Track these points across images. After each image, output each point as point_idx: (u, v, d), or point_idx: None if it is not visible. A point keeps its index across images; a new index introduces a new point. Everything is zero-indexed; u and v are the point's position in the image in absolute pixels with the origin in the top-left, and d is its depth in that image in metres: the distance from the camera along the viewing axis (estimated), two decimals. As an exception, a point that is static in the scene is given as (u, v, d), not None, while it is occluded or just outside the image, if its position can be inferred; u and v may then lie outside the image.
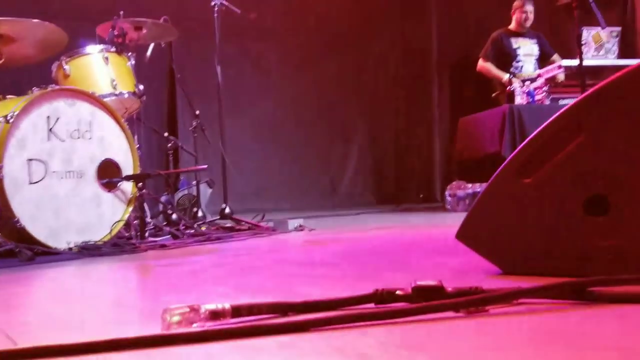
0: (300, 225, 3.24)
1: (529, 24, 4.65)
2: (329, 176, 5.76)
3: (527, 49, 4.67)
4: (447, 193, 4.57)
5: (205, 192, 3.79)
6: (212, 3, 3.70)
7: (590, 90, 1.34)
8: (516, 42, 4.66)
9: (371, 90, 5.92)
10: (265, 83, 5.47)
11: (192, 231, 3.02)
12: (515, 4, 4.68)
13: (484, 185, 1.50)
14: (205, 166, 3.13)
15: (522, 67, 4.60)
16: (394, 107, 6.05)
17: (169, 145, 3.62)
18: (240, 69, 5.12)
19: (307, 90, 5.61)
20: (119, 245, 2.56)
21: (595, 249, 1.28)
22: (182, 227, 3.02)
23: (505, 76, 4.50)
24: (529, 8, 4.59)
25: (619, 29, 4.59)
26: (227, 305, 1.03)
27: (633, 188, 1.27)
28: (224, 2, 3.71)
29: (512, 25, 4.70)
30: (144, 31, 3.28)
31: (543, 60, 4.65)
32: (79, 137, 2.60)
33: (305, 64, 5.60)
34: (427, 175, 5.93)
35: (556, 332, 0.90)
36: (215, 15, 3.71)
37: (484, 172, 3.82)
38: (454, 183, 4.52)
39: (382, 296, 1.10)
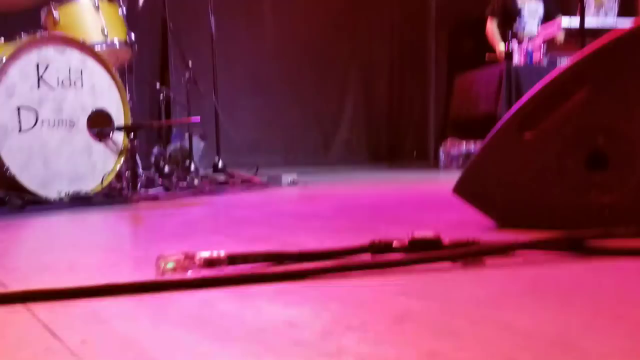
0: (294, 180, 3.22)
1: None
2: (323, 132, 5.73)
3: (531, 8, 4.58)
4: (440, 151, 4.56)
5: (198, 145, 3.75)
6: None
7: (596, 45, 1.31)
8: (521, 1, 4.58)
9: (367, 47, 5.83)
10: (259, 36, 5.37)
11: (185, 184, 3.00)
12: None
13: (478, 143, 1.48)
14: (198, 118, 3.08)
15: (524, 26, 4.53)
16: (390, 64, 5.98)
17: (161, 96, 3.56)
18: (234, 21, 5.01)
19: (302, 45, 5.52)
20: (111, 195, 2.54)
21: (593, 204, 1.28)
22: (174, 180, 2.99)
23: (500, 46, 4.45)
24: None
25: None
26: (222, 253, 1.02)
27: (633, 145, 1.26)
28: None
29: None
30: (136, -22, 3.19)
31: (547, 20, 4.57)
32: (69, 86, 2.55)
33: (300, 19, 5.49)
34: (421, 133, 5.90)
35: (552, 283, 0.90)
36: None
37: (478, 130, 3.80)
38: (447, 141, 4.51)
39: (378, 247, 1.09)
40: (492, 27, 4.61)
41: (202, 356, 0.61)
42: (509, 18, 4.54)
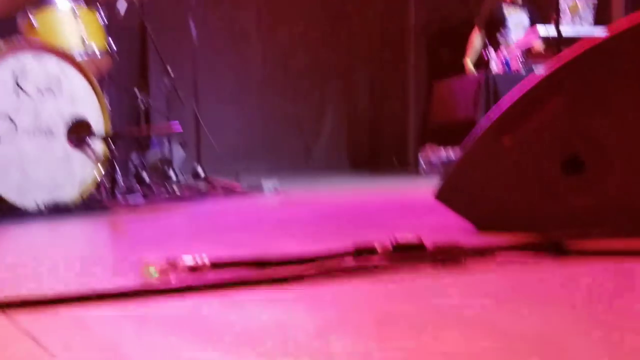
0: (275, 187, 3.22)
1: None
2: (303, 140, 5.73)
3: (517, 19, 4.65)
4: (420, 157, 4.59)
5: (178, 152, 3.73)
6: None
7: (570, 53, 1.34)
8: (507, 11, 4.65)
9: (347, 54, 5.85)
10: (241, 43, 5.37)
11: (165, 192, 2.98)
12: None
13: (457, 150, 1.50)
14: (179, 127, 3.07)
15: (510, 36, 4.60)
16: (370, 71, 6.01)
17: (141, 104, 3.54)
18: (215, 28, 5.00)
19: (283, 53, 5.53)
20: (90, 204, 2.51)
21: (570, 206, 1.30)
22: (154, 188, 2.97)
23: (467, 59, 4.55)
24: None
25: (595, -1, 4.60)
26: (205, 259, 1.02)
27: (608, 148, 1.29)
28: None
29: None
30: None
31: None
32: (48, 94, 2.52)
33: (280, 25, 5.51)
34: (402, 139, 5.93)
35: (531, 283, 0.91)
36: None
37: (457, 137, 3.83)
38: (427, 148, 4.54)
39: (362, 251, 1.09)
40: (473, 38, 4.67)
41: (188, 360, 0.61)
42: (495, 28, 4.60)
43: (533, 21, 4.64)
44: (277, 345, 0.64)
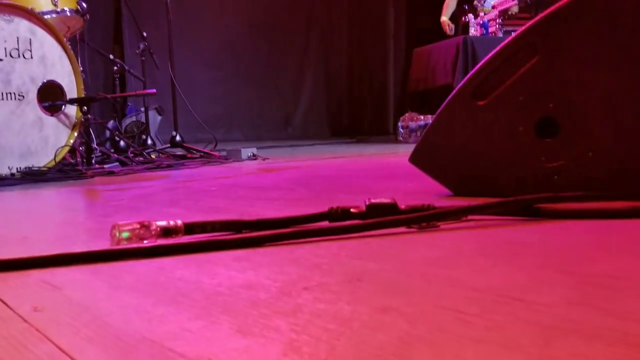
0: (254, 154, 3.21)
1: None
2: (283, 108, 5.70)
3: None
4: (399, 124, 4.60)
5: (155, 119, 3.69)
6: None
7: (546, 12, 1.33)
8: None
9: (326, 22, 5.79)
10: (218, 8, 5.27)
11: (141, 158, 2.95)
12: None
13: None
14: (154, 90, 3.03)
15: (485, 1, 4.59)
16: (348, 39, 5.96)
17: (115, 68, 3.47)
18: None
19: (261, 18, 5.45)
20: (64, 171, 2.48)
21: (544, 169, 1.31)
22: (130, 154, 2.94)
23: (443, 18, 4.55)
24: None
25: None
26: (179, 222, 1.01)
27: (581, 110, 1.29)
28: None
29: None
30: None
31: None
32: (18, 56, 2.46)
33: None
34: (381, 107, 5.93)
35: (502, 243, 0.92)
36: None
37: (436, 103, 3.84)
38: (406, 115, 4.55)
39: (336, 214, 1.10)
40: (449, 1, 4.66)
41: (158, 318, 0.61)
42: None
43: None
44: (247, 305, 0.64)
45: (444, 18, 4.56)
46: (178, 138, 3.51)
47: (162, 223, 1.00)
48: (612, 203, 1.12)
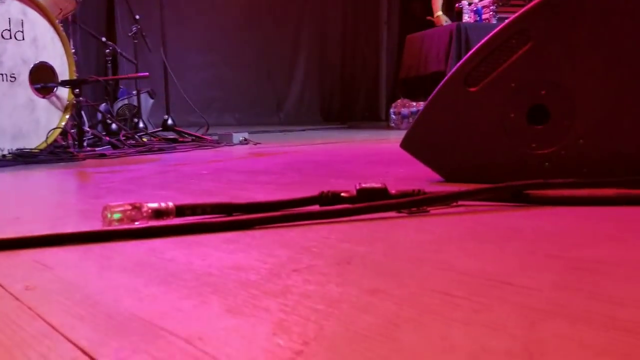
0: (245, 139, 3.21)
1: None
2: (276, 93, 5.68)
3: None
4: (391, 111, 4.60)
5: (147, 102, 3.67)
6: None
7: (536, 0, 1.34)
8: None
9: (320, 8, 5.76)
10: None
11: (133, 142, 2.94)
12: None
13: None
14: (147, 74, 3.01)
15: None
16: (342, 25, 5.94)
17: (107, 51, 3.45)
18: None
19: (255, 4, 5.41)
20: (56, 153, 2.47)
21: (535, 156, 1.32)
22: (122, 137, 2.93)
23: (436, 14, 4.56)
24: None
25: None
26: (170, 204, 1.01)
27: (573, 98, 1.30)
28: None
29: None
30: None
31: None
32: (9, 38, 2.44)
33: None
34: (374, 93, 5.93)
35: (492, 228, 0.93)
36: None
37: (428, 90, 3.83)
38: (398, 101, 4.55)
39: (327, 198, 1.10)
40: None
41: (148, 298, 0.62)
42: None
43: None
44: (237, 285, 0.64)
45: (439, 14, 4.57)
46: (170, 122, 3.50)
47: (154, 205, 1.00)
48: (601, 190, 1.13)
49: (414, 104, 4.42)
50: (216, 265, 0.73)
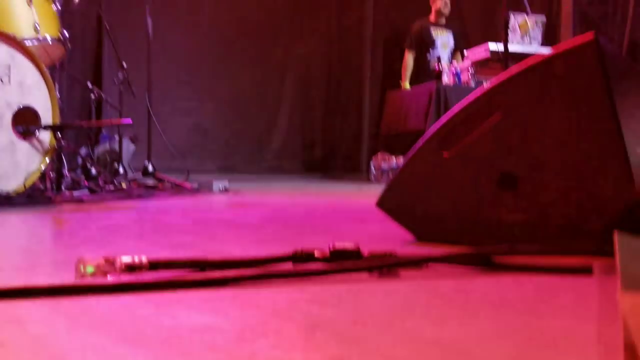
0: (225, 187, 3.23)
1: (447, 11, 4.87)
2: (258, 141, 5.73)
3: (444, 40, 4.91)
4: (371, 164, 4.67)
5: (128, 148, 3.69)
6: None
7: (509, 72, 1.41)
8: (435, 32, 4.88)
9: (304, 58, 5.89)
10: (197, 39, 5.33)
11: (112, 187, 2.94)
12: None
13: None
14: (130, 120, 3.04)
15: (439, 56, 4.81)
16: (326, 77, 6.06)
17: (92, 96, 3.48)
18: (171, 23, 4.96)
19: (239, 51, 5.52)
20: (33, 196, 2.47)
21: (504, 222, 1.36)
22: (101, 183, 2.93)
23: (404, 85, 4.74)
24: (440, 4, 4.82)
25: (544, 18, 4.77)
26: (144, 259, 1.03)
27: (541, 167, 1.35)
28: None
29: (431, 16, 4.92)
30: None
31: (456, 52, 4.91)
32: (-6, 81, 2.46)
33: (239, 24, 5.50)
34: (355, 145, 6.01)
35: (459, 295, 0.96)
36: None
37: (407, 146, 3.91)
38: (378, 155, 4.62)
39: (300, 256, 1.12)
40: (407, 60, 4.90)
41: (115, 358, 0.63)
42: (425, 49, 4.86)
43: (457, 42, 4.94)
44: (204, 348, 0.66)
45: (406, 84, 4.77)
46: (150, 168, 3.51)
47: (127, 259, 1.01)
48: (565, 257, 1.17)
49: (394, 158, 4.49)
50: (186, 325, 0.75)
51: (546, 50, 4.35)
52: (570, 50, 1.30)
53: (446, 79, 4.29)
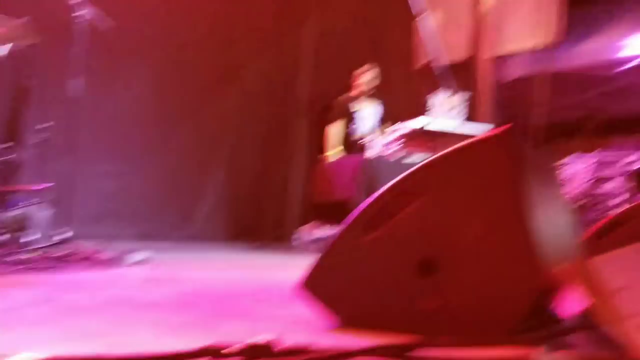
0: (145, 258, 3.08)
1: (373, 85, 5.06)
2: (183, 206, 5.60)
3: (368, 110, 5.07)
4: (300, 233, 4.63)
5: (43, 213, 3.49)
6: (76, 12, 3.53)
7: (434, 156, 1.42)
8: (359, 104, 5.05)
9: (233, 124, 5.88)
10: (124, 101, 5.23)
11: (15, 258, 2.71)
12: (355, 72, 5.08)
13: (336, 228, 1.52)
14: (50, 185, 2.88)
15: (360, 130, 4.95)
16: (255, 143, 6.06)
17: (9, 156, 3.29)
18: (98, 83, 4.84)
19: (167, 114, 5.46)
20: None
21: (422, 308, 1.34)
22: (4, 254, 2.71)
23: (329, 156, 4.85)
24: (365, 79, 5.02)
25: (469, 93, 4.99)
26: (42, 357, 0.93)
27: (458, 254, 1.35)
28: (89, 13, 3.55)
29: (354, 91, 5.10)
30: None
31: (382, 124, 5.07)
32: None
33: (168, 88, 5.46)
34: (284, 213, 5.97)
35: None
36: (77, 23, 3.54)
37: (336, 215, 3.91)
38: (307, 224, 4.60)
39: (212, 353, 1.06)
40: (330, 131, 5.03)
41: None
42: (349, 121, 5.01)
43: (384, 112, 5.13)
44: None
45: (331, 155, 4.83)
46: (67, 234, 3.32)
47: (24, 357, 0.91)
48: (483, 349, 1.14)
49: (323, 228, 4.48)
50: None
51: (471, 126, 4.53)
52: (483, 141, 1.33)
53: (372, 151, 4.36)
